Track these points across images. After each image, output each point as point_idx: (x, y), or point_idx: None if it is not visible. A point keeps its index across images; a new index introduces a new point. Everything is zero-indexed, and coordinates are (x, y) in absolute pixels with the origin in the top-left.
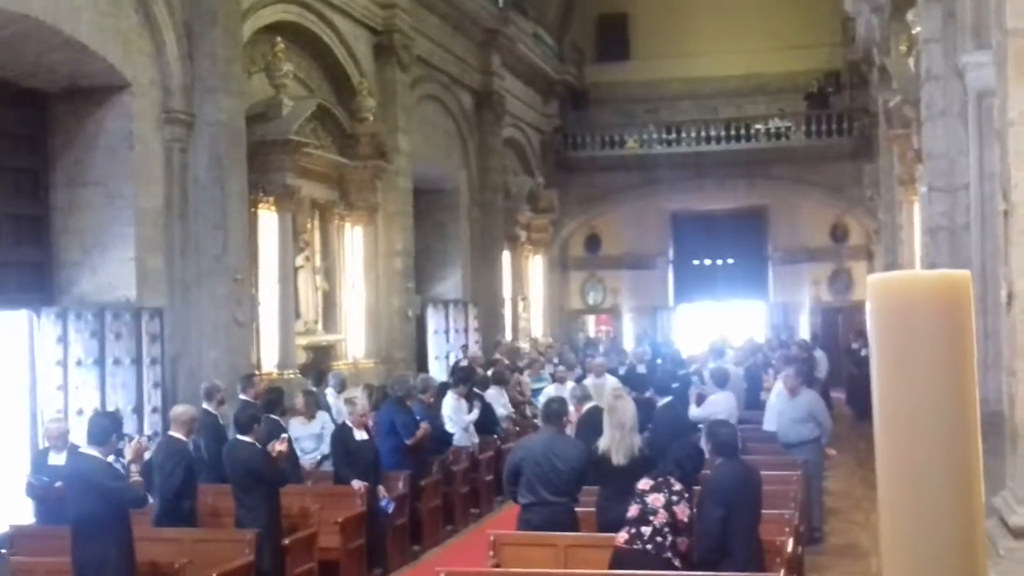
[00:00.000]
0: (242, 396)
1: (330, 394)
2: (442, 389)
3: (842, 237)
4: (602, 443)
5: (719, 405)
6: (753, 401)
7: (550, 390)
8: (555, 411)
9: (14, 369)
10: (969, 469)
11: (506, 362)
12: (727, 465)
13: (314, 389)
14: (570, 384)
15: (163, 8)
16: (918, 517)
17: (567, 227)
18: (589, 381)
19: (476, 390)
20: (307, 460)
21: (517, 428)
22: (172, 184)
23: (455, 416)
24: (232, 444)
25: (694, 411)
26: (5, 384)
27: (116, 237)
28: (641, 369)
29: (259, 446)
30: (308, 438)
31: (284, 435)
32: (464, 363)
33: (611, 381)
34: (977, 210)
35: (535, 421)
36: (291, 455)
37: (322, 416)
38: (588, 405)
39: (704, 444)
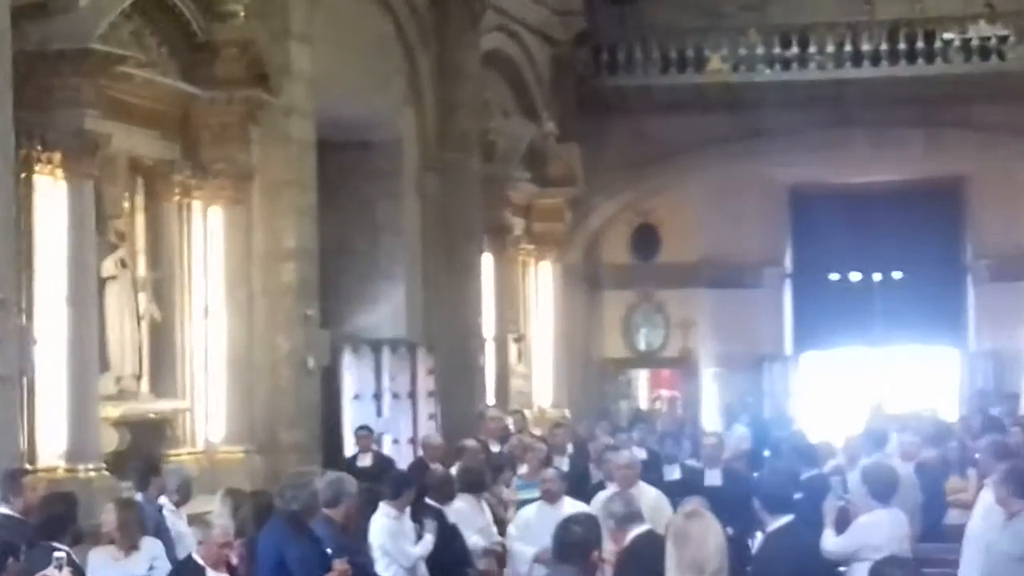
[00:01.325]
0: (1, 509)
1: (165, 507)
2: (369, 500)
3: None
4: None
5: (879, 531)
6: (934, 525)
7: (530, 511)
8: (577, 540)
9: None
10: None
11: (485, 452)
12: None
13: (137, 498)
14: (568, 502)
15: None
16: None
17: (599, 212)
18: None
19: (431, 501)
20: None
21: (505, 569)
22: None
23: (392, 547)
24: None
25: (833, 541)
26: None
27: None
28: (712, 480)
29: None
30: None
31: (60, 554)
32: (366, 460)
33: (650, 496)
34: None
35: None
36: None
37: (151, 546)
38: (637, 530)
39: None
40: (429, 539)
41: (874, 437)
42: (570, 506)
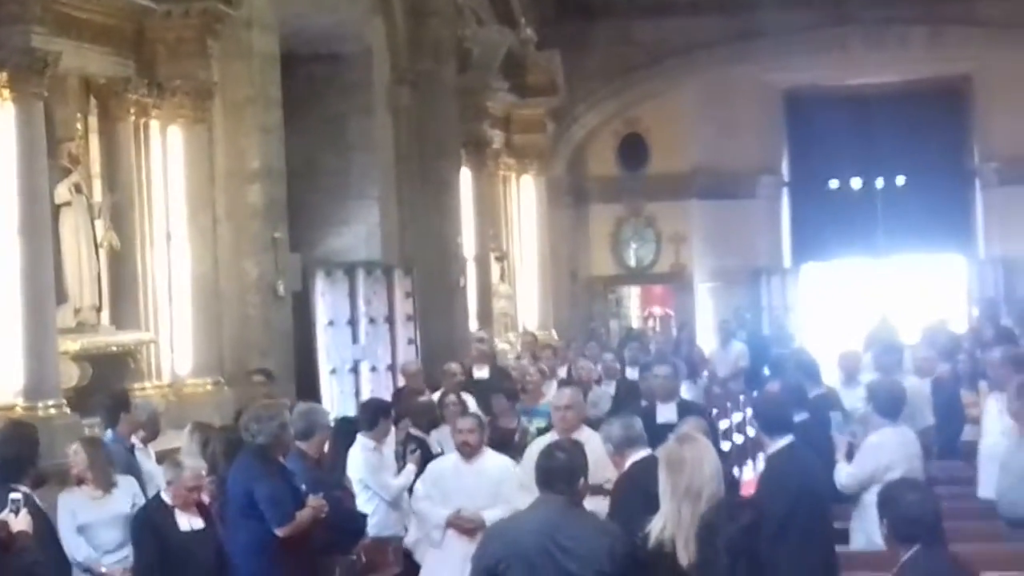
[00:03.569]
0: None
1: (136, 446)
2: (345, 431)
3: None
4: (656, 526)
5: (888, 451)
6: (950, 443)
7: (443, 465)
8: (563, 466)
9: None
10: None
11: (467, 376)
12: (924, 559)
13: (107, 435)
14: (491, 455)
15: None
16: None
17: (583, 122)
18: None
19: (414, 431)
20: (111, 566)
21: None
22: None
23: (372, 480)
24: None
25: (847, 473)
26: None
27: None
28: (666, 416)
29: None
30: (107, 524)
31: (16, 496)
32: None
33: (596, 443)
34: None
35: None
36: (54, 552)
37: (128, 483)
38: (637, 455)
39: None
40: (410, 469)
41: (885, 351)
42: (492, 460)
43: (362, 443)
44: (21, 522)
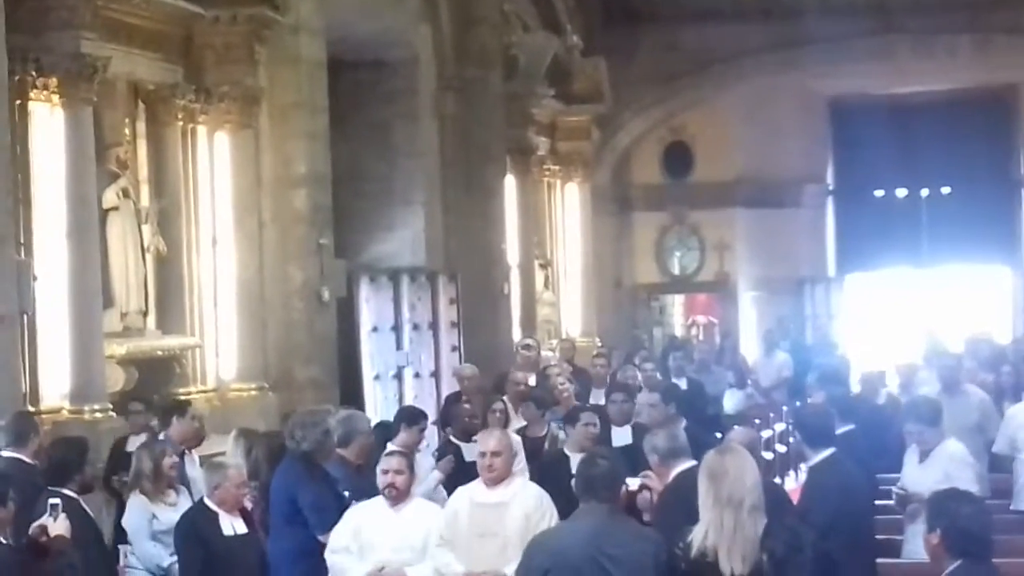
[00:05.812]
0: (8, 453)
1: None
2: (379, 438)
3: None
4: (698, 534)
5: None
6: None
7: (363, 513)
8: (604, 473)
9: None
10: None
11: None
12: (968, 574)
13: (162, 441)
14: (418, 504)
15: None
16: None
17: (628, 129)
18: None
19: (454, 438)
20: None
21: None
22: None
23: None
24: None
25: (913, 475)
26: None
27: None
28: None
29: (6, 543)
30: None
31: (54, 501)
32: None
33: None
34: None
35: None
36: (103, 558)
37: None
38: (681, 466)
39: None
40: (434, 476)
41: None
42: (421, 509)
43: (388, 451)
44: (59, 526)
